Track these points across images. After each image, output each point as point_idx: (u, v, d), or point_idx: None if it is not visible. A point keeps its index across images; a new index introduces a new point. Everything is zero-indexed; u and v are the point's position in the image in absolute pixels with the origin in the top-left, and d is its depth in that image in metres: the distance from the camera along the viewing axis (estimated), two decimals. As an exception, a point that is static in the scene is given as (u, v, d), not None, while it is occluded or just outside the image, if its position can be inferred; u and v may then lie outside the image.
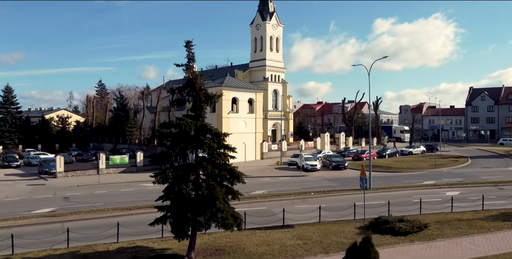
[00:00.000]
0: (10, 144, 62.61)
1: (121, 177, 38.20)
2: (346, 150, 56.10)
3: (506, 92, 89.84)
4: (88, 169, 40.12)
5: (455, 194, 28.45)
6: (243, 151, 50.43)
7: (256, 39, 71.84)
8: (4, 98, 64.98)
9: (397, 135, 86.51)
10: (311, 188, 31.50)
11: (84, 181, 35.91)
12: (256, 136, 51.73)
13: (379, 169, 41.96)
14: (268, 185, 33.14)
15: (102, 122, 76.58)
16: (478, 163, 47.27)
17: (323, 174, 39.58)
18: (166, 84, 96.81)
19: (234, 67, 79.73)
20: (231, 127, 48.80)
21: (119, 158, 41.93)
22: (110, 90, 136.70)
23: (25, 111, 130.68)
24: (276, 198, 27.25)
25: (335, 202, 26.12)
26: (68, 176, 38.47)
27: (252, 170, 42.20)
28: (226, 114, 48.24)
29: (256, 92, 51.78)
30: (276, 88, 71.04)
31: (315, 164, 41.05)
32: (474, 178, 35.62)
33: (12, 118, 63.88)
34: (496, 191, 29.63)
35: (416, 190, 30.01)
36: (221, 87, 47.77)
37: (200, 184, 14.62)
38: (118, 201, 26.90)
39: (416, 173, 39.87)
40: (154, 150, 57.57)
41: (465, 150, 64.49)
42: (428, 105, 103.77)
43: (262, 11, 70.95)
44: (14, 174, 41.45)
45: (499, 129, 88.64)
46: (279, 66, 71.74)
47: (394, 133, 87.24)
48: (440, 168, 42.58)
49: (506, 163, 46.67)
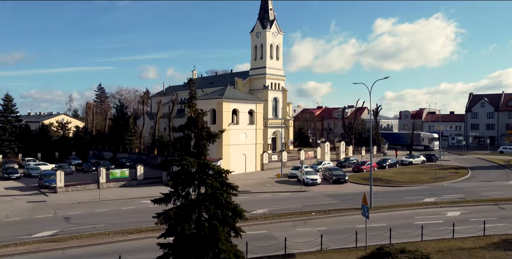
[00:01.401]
0: (10, 153, 62.54)
1: (122, 192, 38.13)
2: (346, 161, 56.09)
3: (506, 99, 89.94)
4: (89, 183, 40.03)
5: (456, 214, 28.52)
6: (243, 163, 50.60)
7: (256, 47, 71.83)
8: (4, 106, 64.87)
9: (426, 143, 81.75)
10: (312, 206, 31.47)
11: (84, 197, 35.83)
12: (256, 147, 51.67)
13: (379, 183, 42.00)
14: (269, 203, 33.11)
15: (102, 129, 76.51)
16: (478, 175, 47.31)
17: (323, 188, 39.55)
18: (166, 90, 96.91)
19: (234, 74, 79.84)
20: (231, 138, 48.86)
21: (120, 172, 41.89)
22: (109, 93, 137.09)
23: (24, 115, 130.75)
24: (277, 220, 27.22)
25: (337, 225, 26.15)
26: (68, 191, 38.38)
27: (252, 184, 42.23)
28: (227, 126, 48.10)
29: (257, 103, 51.72)
30: (276, 96, 71.04)
31: (315, 178, 41.04)
32: (475, 194, 35.63)
33: (12, 127, 63.77)
34: (497, 211, 29.63)
35: (417, 210, 29.99)
36: (222, 99, 47.74)
37: (203, 224, 14.59)
38: (119, 222, 26.84)
39: (417, 187, 39.85)
40: (154, 160, 57.59)
41: (465, 159, 64.54)
42: (428, 111, 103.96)
43: (262, 19, 70.94)
44: (14, 188, 41.33)
45: (499, 136, 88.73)
46: (279, 74, 71.74)
47: (423, 141, 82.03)
48: (441, 182, 42.59)
49: (506, 176, 46.70)
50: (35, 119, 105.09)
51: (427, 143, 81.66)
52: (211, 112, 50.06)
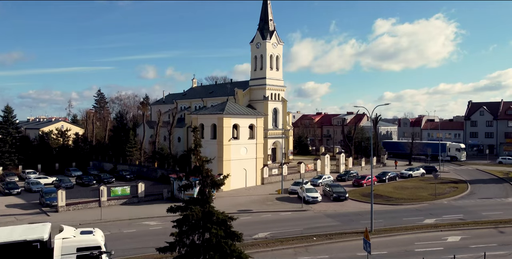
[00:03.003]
0: (10, 164, 62.60)
1: (123, 211, 38.23)
2: (346, 174, 56.28)
3: (505, 107, 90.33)
4: (90, 202, 40.09)
5: (457, 240, 28.72)
6: (243, 177, 50.75)
7: (256, 57, 71.97)
8: (4, 118, 64.90)
9: (452, 153, 79.65)
10: (313, 228, 31.67)
11: (86, 217, 35.93)
12: (257, 161, 51.84)
13: (379, 200, 42.16)
14: (270, 224, 33.26)
15: (102, 139, 76.55)
16: (477, 191, 47.56)
17: (324, 207, 39.71)
18: (166, 98, 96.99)
19: (234, 84, 79.97)
20: (232, 154, 49.03)
21: (121, 189, 41.98)
22: (109, 98, 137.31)
23: (24, 122, 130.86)
24: (279, 246, 27.36)
25: (338, 252, 26.34)
26: (70, 210, 38.48)
27: (253, 201, 42.39)
28: (227, 141, 48.34)
29: (257, 117, 51.89)
30: (276, 106, 71.17)
31: (316, 196, 41.21)
32: (474, 214, 35.87)
33: (12, 139, 63.79)
34: (497, 235, 29.83)
35: (417, 234, 30.15)
36: (222, 114, 47.88)
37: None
38: (121, 248, 26.89)
39: (417, 206, 40.04)
40: (154, 173, 57.73)
41: (464, 171, 64.82)
42: (427, 118, 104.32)
43: (262, 30, 71.08)
44: (15, 205, 41.39)
45: (498, 144, 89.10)
46: (279, 84, 71.89)
47: (449, 152, 79.45)
48: (441, 199, 42.78)
49: (505, 192, 46.93)
50: (34, 126, 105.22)
51: (453, 153, 79.69)
52: (212, 127, 50.26)
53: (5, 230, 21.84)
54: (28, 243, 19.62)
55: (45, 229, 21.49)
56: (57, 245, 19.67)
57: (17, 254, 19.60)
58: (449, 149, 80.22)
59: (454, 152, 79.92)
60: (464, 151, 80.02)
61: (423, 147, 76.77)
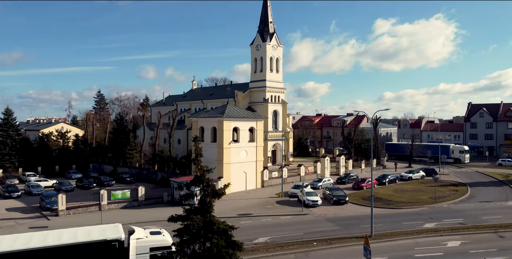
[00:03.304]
0: (10, 167, 62.63)
1: (123, 215, 38.20)
2: (346, 177, 56.30)
3: (505, 109, 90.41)
4: (90, 205, 40.12)
5: (457, 245, 28.75)
6: (244, 180, 50.78)
7: (256, 60, 72.01)
8: (4, 120, 64.91)
9: (456, 155, 79.21)
10: (313, 233, 31.71)
11: (86, 221, 35.83)
12: (257, 164, 51.86)
13: (379, 203, 42.19)
14: (270, 229, 33.28)
15: (102, 141, 76.54)
16: (477, 194, 47.62)
17: (324, 211, 39.74)
18: (166, 100, 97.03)
19: (234, 86, 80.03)
20: (232, 157, 49.06)
21: (121, 193, 41.99)
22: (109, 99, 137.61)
23: (23, 123, 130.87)
24: (279, 251, 27.37)
25: (338, 257, 26.48)
26: (70, 214, 38.50)
27: (253, 205, 42.42)
28: (227, 144, 48.37)
29: (257, 120, 51.92)
30: (276, 109, 71.19)
31: (316, 200, 41.24)
32: (475, 218, 35.93)
33: (12, 141, 63.80)
34: (497, 240, 29.86)
35: (417, 239, 30.17)
36: (222, 118, 47.91)
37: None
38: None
39: (417, 209, 40.09)
40: (154, 176, 57.80)
41: (464, 173, 64.90)
42: (427, 120, 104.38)
43: (262, 32, 71.12)
44: (15, 209, 41.43)
45: (498, 146, 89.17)
46: (279, 86, 71.93)
47: (452, 154, 79.48)
48: (440, 203, 42.81)
49: (505, 195, 46.97)
50: (34, 127, 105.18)
51: (457, 155, 79.18)
52: (212, 130, 50.29)
53: (82, 230, 22.87)
54: (107, 243, 20.75)
55: (119, 230, 22.50)
56: (132, 245, 20.85)
57: (97, 252, 20.63)
58: (452, 151, 79.76)
59: (457, 154, 79.33)
60: (468, 153, 79.52)
61: (423, 149, 76.64)
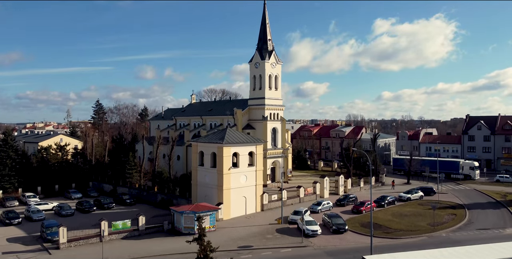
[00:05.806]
0: (10, 188, 62.71)
1: (124, 248, 38.41)
2: (345, 199, 56.60)
3: (502, 122, 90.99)
4: (91, 237, 40.26)
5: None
6: (243, 205, 50.99)
7: (255, 77, 72.35)
8: (4, 141, 64.95)
9: (466, 172, 76.48)
10: (313, 271, 32.03)
11: (87, 255, 36.19)
12: (256, 188, 52.10)
13: (379, 232, 42.52)
14: (270, 266, 33.59)
15: (102, 157, 76.62)
16: (475, 219, 48.09)
17: (324, 242, 40.01)
18: (164, 113, 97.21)
19: (233, 102, 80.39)
20: (232, 182, 49.30)
21: (121, 223, 42.17)
22: (107, 108, 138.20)
23: (22, 135, 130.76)
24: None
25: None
26: (71, 247, 38.67)
27: (253, 234, 42.63)
28: (227, 170, 48.61)
29: (257, 145, 52.15)
30: (275, 126, 71.51)
31: (315, 230, 41.57)
32: (473, 251, 36.23)
33: (12, 162, 63.88)
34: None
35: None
36: (222, 144, 48.13)
37: None
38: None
39: (416, 239, 40.51)
40: (154, 197, 58.05)
41: (462, 192, 65.37)
42: (425, 131, 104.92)
43: (260, 50, 71.45)
44: (16, 239, 41.56)
45: (495, 159, 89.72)
46: (278, 104, 72.28)
47: (462, 170, 76.90)
48: (439, 231, 43.22)
49: (503, 221, 47.42)
50: (33, 139, 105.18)
51: (467, 172, 76.66)
52: (211, 155, 50.49)
53: None
54: None
55: None
56: None
57: None
58: (462, 167, 77.32)
59: (468, 170, 76.81)
60: (478, 170, 77.15)
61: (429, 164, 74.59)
